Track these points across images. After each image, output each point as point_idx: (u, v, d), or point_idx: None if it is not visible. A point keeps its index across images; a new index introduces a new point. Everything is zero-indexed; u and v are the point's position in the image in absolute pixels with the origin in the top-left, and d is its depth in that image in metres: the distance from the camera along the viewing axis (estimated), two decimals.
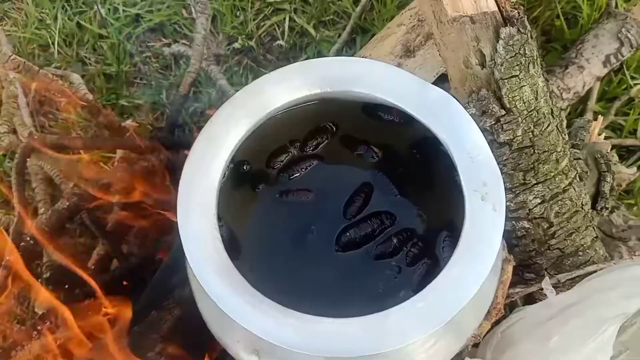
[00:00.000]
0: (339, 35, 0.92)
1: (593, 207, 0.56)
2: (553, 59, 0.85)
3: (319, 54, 0.92)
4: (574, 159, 0.56)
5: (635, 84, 0.83)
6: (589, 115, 0.80)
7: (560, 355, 0.41)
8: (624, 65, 0.84)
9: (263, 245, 0.42)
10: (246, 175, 0.44)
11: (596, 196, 0.56)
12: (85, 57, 0.95)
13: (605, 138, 0.81)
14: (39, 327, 0.66)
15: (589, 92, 0.80)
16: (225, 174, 0.41)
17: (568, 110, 0.79)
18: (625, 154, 0.82)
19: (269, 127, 0.43)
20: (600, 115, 0.69)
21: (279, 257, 0.41)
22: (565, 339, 0.41)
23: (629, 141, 0.80)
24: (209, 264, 0.36)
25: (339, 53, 0.87)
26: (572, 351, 0.41)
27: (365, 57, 0.64)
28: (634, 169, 0.75)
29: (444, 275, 0.35)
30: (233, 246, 0.40)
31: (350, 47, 0.92)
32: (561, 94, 0.75)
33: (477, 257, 0.36)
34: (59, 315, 0.65)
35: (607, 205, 0.55)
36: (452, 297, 0.35)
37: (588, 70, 0.77)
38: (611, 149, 0.79)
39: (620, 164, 0.77)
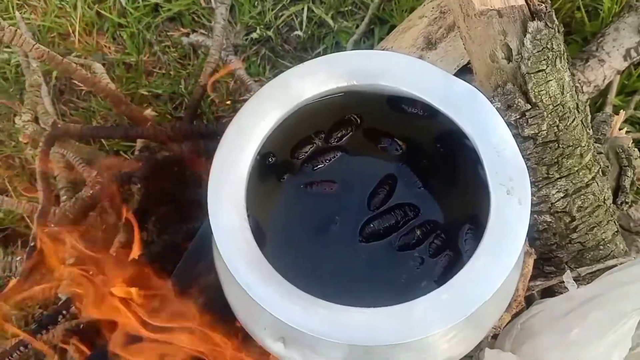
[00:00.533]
0: (357, 26, 0.92)
1: (614, 201, 0.56)
2: (573, 52, 0.84)
3: (337, 45, 0.93)
4: (597, 153, 0.57)
5: None
6: (608, 109, 0.80)
7: (579, 347, 0.42)
8: None
9: (287, 236, 0.43)
10: (272, 167, 0.45)
11: (617, 190, 0.56)
12: (105, 46, 0.96)
13: (625, 132, 0.81)
14: (63, 312, 0.68)
15: (609, 86, 0.80)
16: (252, 167, 0.42)
17: (588, 103, 0.79)
18: None
19: (294, 119, 0.44)
20: (622, 110, 0.68)
21: (303, 248, 0.42)
22: (585, 332, 0.42)
23: None
24: (239, 253, 0.37)
25: (357, 44, 0.87)
26: (592, 344, 0.41)
27: (387, 49, 0.64)
28: None
29: (468, 268, 0.36)
30: (259, 236, 0.41)
31: (368, 38, 0.92)
32: (582, 87, 0.74)
33: (502, 250, 0.36)
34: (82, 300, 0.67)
35: (627, 200, 0.55)
36: (476, 290, 0.35)
37: (608, 64, 0.76)
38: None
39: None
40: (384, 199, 0.44)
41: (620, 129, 0.61)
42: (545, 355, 0.44)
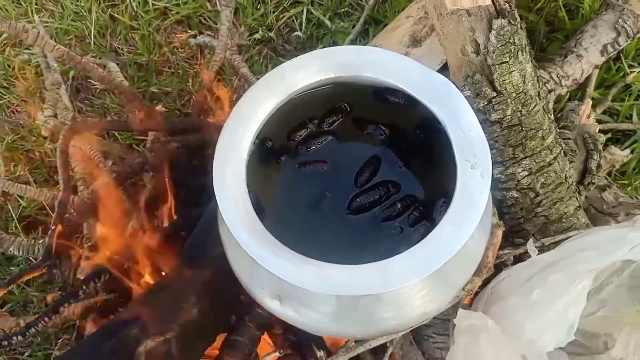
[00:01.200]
0: (353, 26, 0.98)
1: (581, 182, 0.61)
2: (556, 48, 0.90)
3: (334, 44, 0.99)
4: (565, 139, 0.62)
5: (633, 72, 0.88)
6: (587, 101, 0.85)
7: (540, 307, 0.48)
8: (623, 54, 0.89)
9: (285, 209, 0.48)
10: (270, 150, 0.51)
11: (584, 172, 0.61)
12: (118, 47, 1.03)
13: (603, 122, 0.86)
14: (79, 292, 0.74)
15: (588, 79, 0.85)
16: (251, 148, 0.48)
17: (568, 96, 0.85)
18: (621, 137, 0.88)
19: (289, 107, 0.49)
20: (589, 99, 0.74)
21: (298, 219, 0.48)
22: (545, 293, 0.48)
23: (624, 125, 0.85)
24: (240, 220, 0.43)
25: (353, 43, 0.93)
26: (551, 303, 0.47)
27: (377, 46, 0.70)
28: (628, 151, 0.81)
29: (436, 231, 0.42)
30: (259, 209, 0.46)
31: (363, 37, 0.98)
32: (560, 80, 0.80)
33: (466, 216, 0.42)
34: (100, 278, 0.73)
35: (593, 181, 0.60)
36: (442, 250, 0.41)
37: (586, 59, 0.81)
38: (607, 133, 0.85)
39: (616, 146, 0.82)
40: (369, 176, 0.49)
41: (588, 117, 0.67)
42: (511, 315, 0.50)
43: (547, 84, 0.78)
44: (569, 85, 0.81)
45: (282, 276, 0.41)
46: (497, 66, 0.48)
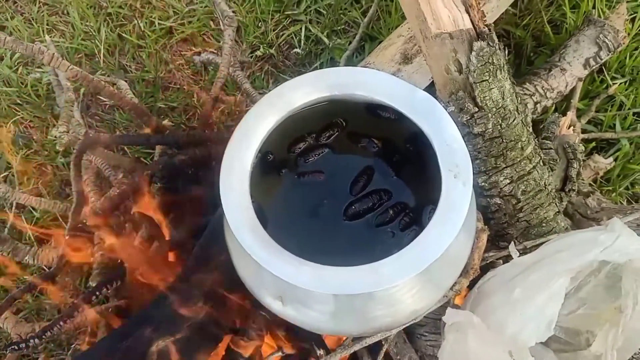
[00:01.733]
0: (350, 43, 1.03)
1: (562, 189, 0.66)
2: (542, 62, 0.94)
3: (332, 60, 1.03)
4: (546, 149, 0.67)
5: (615, 84, 0.92)
6: (572, 112, 0.89)
7: (521, 303, 0.52)
8: (605, 67, 0.94)
9: (285, 216, 0.53)
10: (271, 163, 0.56)
11: (565, 180, 0.66)
12: (126, 65, 1.08)
13: (587, 132, 0.91)
14: (92, 298, 0.78)
15: (572, 91, 0.90)
16: (254, 161, 0.53)
17: (554, 107, 0.89)
18: (605, 146, 0.92)
19: (289, 123, 0.54)
20: (569, 112, 0.78)
21: (297, 225, 0.52)
22: (526, 291, 0.52)
23: (608, 135, 0.89)
24: (244, 226, 0.47)
25: (349, 59, 0.98)
26: (531, 299, 0.51)
27: (370, 64, 0.75)
28: (611, 159, 0.85)
29: (424, 234, 0.46)
30: (262, 217, 0.50)
31: (360, 53, 1.03)
32: (545, 93, 0.84)
33: (450, 221, 0.46)
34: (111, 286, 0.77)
35: (573, 187, 0.65)
36: (430, 251, 0.45)
37: (570, 72, 0.86)
38: (591, 141, 0.89)
39: (600, 155, 0.87)
40: (363, 185, 0.54)
41: (569, 128, 0.71)
42: (495, 312, 0.54)
43: (532, 97, 0.83)
44: (554, 97, 0.86)
45: (284, 277, 0.45)
46: (478, 84, 0.52)
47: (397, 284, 0.45)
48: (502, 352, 0.53)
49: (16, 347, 0.69)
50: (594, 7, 0.96)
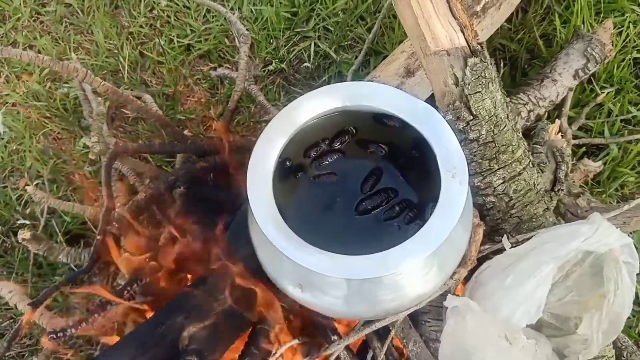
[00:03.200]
0: (356, 57, 1.10)
1: (552, 189, 0.72)
2: (535, 73, 1.01)
3: (339, 74, 1.11)
4: (537, 153, 0.74)
5: (603, 93, 0.99)
6: (564, 119, 0.96)
7: (513, 289, 0.58)
8: (595, 77, 1.01)
9: (303, 213, 0.59)
10: (289, 168, 0.62)
11: (555, 181, 0.72)
12: (148, 80, 1.16)
13: (578, 138, 0.98)
14: (124, 293, 0.84)
15: (564, 100, 0.97)
16: (276, 166, 0.59)
17: (546, 115, 0.96)
18: (595, 150, 0.99)
19: (306, 130, 0.61)
20: (557, 119, 0.85)
21: (314, 220, 0.59)
22: (516, 278, 0.58)
23: (597, 140, 0.96)
24: (269, 221, 0.54)
25: (355, 73, 1.05)
26: (521, 286, 0.58)
27: (376, 77, 0.82)
28: (600, 163, 0.92)
29: (426, 227, 0.53)
30: (282, 214, 0.57)
31: (365, 67, 1.11)
32: (538, 102, 0.91)
33: (448, 214, 0.53)
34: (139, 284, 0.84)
35: (562, 188, 0.71)
36: (431, 241, 0.52)
37: (560, 83, 0.93)
38: (582, 147, 0.96)
39: (589, 159, 0.93)
40: (372, 185, 0.60)
41: (557, 134, 0.78)
42: (490, 297, 0.60)
43: (526, 105, 0.90)
44: (546, 106, 0.93)
45: (304, 264, 0.52)
46: (472, 95, 0.59)
47: (402, 270, 0.52)
48: (497, 333, 0.59)
49: (54, 335, 0.76)
50: (583, 22, 1.03)
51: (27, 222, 1.06)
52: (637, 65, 1.04)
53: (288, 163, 0.62)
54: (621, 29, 1.03)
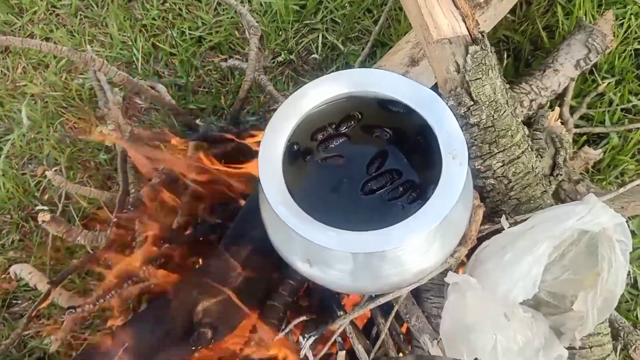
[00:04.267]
0: (363, 49, 1.13)
1: (551, 174, 0.75)
2: (538, 64, 1.04)
3: (347, 65, 1.14)
4: (537, 139, 0.76)
5: (604, 82, 1.02)
6: (566, 109, 0.99)
7: (510, 267, 0.61)
8: (596, 68, 1.03)
9: (312, 193, 0.62)
10: (297, 152, 0.65)
11: (554, 166, 0.75)
12: (160, 71, 1.19)
13: (580, 127, 1.00)
14: (139, 273, 0.88)
15: (566, 90, 0.99)
16: (285, 149, 0.63)
17: (549, 104, 0.98)
18: (596, 139, 1.01)
19: (313, 115, 0.64)
20: (557, 107, 0.88)
21: (322, 200, 0.62)
22: (514, 256, 0.61)
23: (598, 129, 0.98)
24: (279, 200, 0.57)
25: (362, 64, 1.08)
26: (518, 263, 0.60)
27: (382, 67, 0.85)
28: (600, 150, 0.94)
29: (427, 205, 0.56)
30: (292, 195, 0.61)
31: (371, 58, 1.13)
32: (540, 92, 0.94)
33: (449, 193, 0.56)
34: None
35: (560, 172, 0.74)
36: (432, 218, 0.55)
37: (562, 73, 0.95)
38: (583, 135, 0.98)
39: (590, 147, 0.96)
40: (378, 166, 0.63)
41: (556, 120, 0.81)
42: (489, 274, 0.63)
43: (528, 95, 0.92)
44: (548, 95, 0.95)
45: (313, 240, 0.55)
46: (473, 81, 0.62)
47: (405, 246, 0.55)
48: (496, 309, 0.62)
49: (73, 310, 0.80)
50: (585, 14, 1.05)
51: (45, 207, 1.10)
52: (638, 56, 1.06)
53: (296, 147, 0.66)
54: (622, 20, 1.05)
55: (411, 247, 0.58)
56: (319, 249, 0.56)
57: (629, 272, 0.95)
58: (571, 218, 0.59)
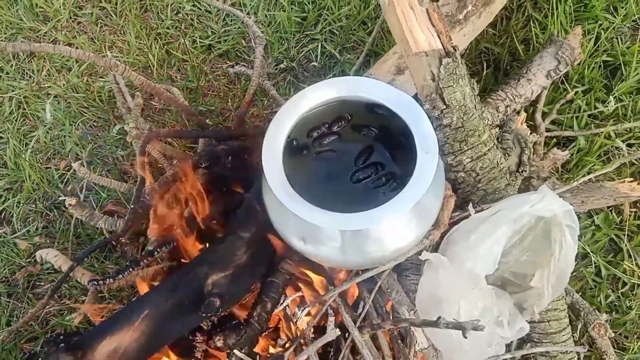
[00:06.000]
0: (358, 58, 1.24)
1: (517, 170, 0.86)
2: (514, 74, 1.15)
3: (343, 72, 1.25)
4: (505, 139, 0.87)
5: (572, 91, 1.13)
6: (538, 114, 1.10)
7: (475, 246, 0.72)
8: (567, 77, 1.14)
9: (307, 181, 0.73)
10: (296, 147, 0.76)
11: (519, 163, 0.86)
12: (173, 75, 1.30)
13: (550, 130, 1.11)
14: (154, 253, 0.98)
15: (539, 97, 1.10)
16: (285, 144, 0.73)
17: (522, 109, 1.09)
18: (566, 142, 1.12)
19: (309, 116, 0.75)
20: (523, 112, 0.98)
21: (316, 187, 0.73)
22: (477, 238, 0.72)
23: (567, 133, 1.09)
24: (280, 186, 0.68)
25: (357, 72, 1.19)
26: (481, 244, 0.71)
27: (371, 74, 0.96)
28: (567, 152, 1.05)
29: (402, 192, 0.67)
30: (290, 183, 0.71)
31: (366, 67, 1.24)
32: (514, 99, 1.04)
33: (420, 183, 0.67)
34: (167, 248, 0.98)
35: (525, 169, 0.85)
36: (406, 201, 0.66)
37: (535, 82, 1.06)
38: (553, 138, 1.09)
39: (558, 148, 1.07)
40: (364, 159, 0.74)
41: (522, 124, 0.91)
42: (458, 254, 0.74)
43: (504, 101, 1.03)
44: (522, 102, 1.06)
45: (307, 219, 0.66)
46: (445, 88, 0.73)
47: (384, 225, 0.66)
48: (462, 282, 0.73)
49: (95, 282, 0.91)
50: (560, 29, 1.16)
51: (68, 198, 1.21)
52: (607, 67, 1.17)
53: (295, 142, 0.77)
54: (592, 35, 1.16)
55: (390, 227, 0.69)
56: (312, 227, 0.67)
57: (595, 261, 1.06)
58: (526, 204, 0.70)
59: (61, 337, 0.77)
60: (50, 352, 0.75)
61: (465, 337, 0.59)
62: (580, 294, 1.02)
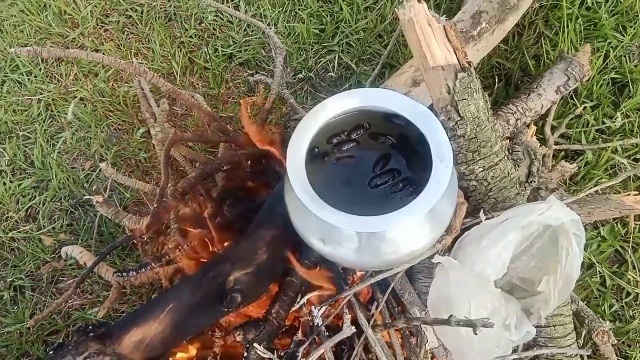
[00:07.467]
0: (373, 69, 1.29)
1: (526, 180, 0.90)
2: (525, 88, 1.19)
3: (359, 83, 1.30)
4: (515, 151, 0.91)
5: (581, 106, 1.17)
6: (547, 128, 1.14)
7: (485, 251, 0.76)
8: (576, 93, 1.18)
9: (327, 186, 0.78)
10: (317, 154, 0.81)
11: (529, 174, 0.90)
12: (195, 83, 1.36)
13: (559, 144, 1.15)
14: (177, 250, 1.02)
15: (549, 111, 1.14)
16: (307, 151, 0.78)
17: (532, 123, 1.13)
18: (574, 155, 1.15)
19: (330, 125, 0.79)
20: (533, 125, 1.02)
21: (336, 192, 0.77)
22: (488, 242, 0.76)
23: (575, 146, 1.13)
24: (302, 190, 0.72)
25: (372, 83, 1.24)
26: (491, 248, 0.75)
27: (388, 86, 1.01)
28: (575, 164, 1.09)
29: (419, 197, 0.71)
30: (312, 187, 0.76)
31: (381, 78, 1.29)
32: (525, 112, 1.09)
33: (434, 189, 0.71)
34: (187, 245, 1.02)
35: (534, 180, 0.89)
36: (420, 208, 0.70)
37: (545, 96, 1.11)
38: (561, 151, 1.13)
39: (566, 161, 1.11)
40: (382, 166, 0.79)
41: (532, 137, 0.95)
42: (469, 257, 0.78)
43: (514, 115, 1.07)
44: (532, 116, 1.10)
45: (327, 220, 0.70)
46: (460, 101, 0.77)
47: (399, 228, 0.70)
48: (473, 283, 0.77)
49: (120, 274, 0.95)
50: (571, 46, 1.20)
51: (92, 197, 1.26)
52: (615, 84, 1.21)
53: (316, 150, 0.81)
54: (601, 53, 1.20)
55: (404, 230, 0.73)
56: (331, 228, 0.71)
57: (600, 271, 1.09)
58: (535, 212, 0.74)
59: (90, 327, 0.82)
60: (79, 340, 0.79)
61: (476, 334, 0.62)
62: (585, 302, 1.05)
